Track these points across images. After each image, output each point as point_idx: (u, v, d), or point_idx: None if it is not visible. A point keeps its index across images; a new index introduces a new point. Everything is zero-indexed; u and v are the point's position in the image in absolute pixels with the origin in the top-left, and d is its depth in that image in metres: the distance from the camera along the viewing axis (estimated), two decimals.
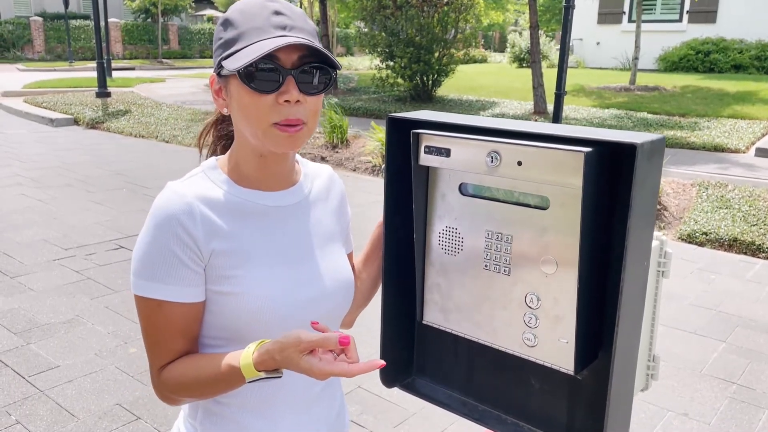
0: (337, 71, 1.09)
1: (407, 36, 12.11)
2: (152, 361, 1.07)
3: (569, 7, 5.99)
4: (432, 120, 1.25)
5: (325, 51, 1.02)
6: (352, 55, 29.43)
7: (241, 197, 1.09)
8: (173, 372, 1.05)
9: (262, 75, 0.99)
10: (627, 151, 1.03)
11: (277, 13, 1.02)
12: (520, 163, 1.11)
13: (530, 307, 1.18)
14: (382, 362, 0.95)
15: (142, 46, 29.74)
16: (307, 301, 1.11)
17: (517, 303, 1.20)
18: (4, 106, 13.39)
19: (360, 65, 21.69)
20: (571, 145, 1.05)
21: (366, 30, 13.38)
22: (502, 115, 11.02)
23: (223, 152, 1.20)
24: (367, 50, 13.41)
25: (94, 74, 14.69)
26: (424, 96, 12.88)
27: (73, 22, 27.16)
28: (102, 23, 15.28)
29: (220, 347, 1.09)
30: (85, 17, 28.84)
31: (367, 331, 3.68)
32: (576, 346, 1.14)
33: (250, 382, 0.97)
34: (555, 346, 1.17)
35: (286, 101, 1.00)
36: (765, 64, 16.93)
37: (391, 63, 12.61)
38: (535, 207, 1.14)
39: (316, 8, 15.58)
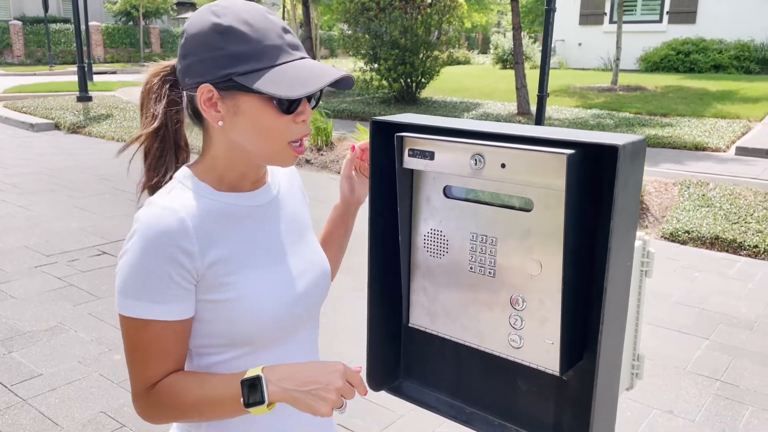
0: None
1: (391, 38, 12.13)
2: (138, 382, 1.04)
3: (550, 10, 6.04)
4: (416, 123, 1.25)
5: (338, 76, 1.04)
6: (336, 57, 29.41)
7: (224, 201, 1.08)
8: (167, 392, 1.02)
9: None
10: (609, 152, 1.04)
11: (285, 30, 1.04)
12: (503, 166, 1.11)
13: (515, 309, 1.19)
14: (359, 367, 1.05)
15: (123, 50, 29.52)
16: (297, 296, 1.12)
17: (502, 305, 1.20)
18: None
19: (344, 68, 21.69)
20: (554, 147, 1.06)
21: (350, 32, 13.38)
22: (486, 116, 11.07)
23: (157, 183, 1.11)
24: (350, 52, 13.41)
25: (75, 78, 14.54)
26: (409, 98, 12.90)
27: (53, 26, 26.89)
28: (82, 26, 15.13)
29: (212, 354, 1.09)
30: (65, 21, 28.56)
31: (354, 335, 3.69)
32: (561, 347, 1.14)
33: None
34: (540, 348, 1.17)
35: (302, 120, 1.05)
36: (744, 63, 17.17)
37: (376, 65, 12.62)
38: (519, 209, 1.15)
39: (299, 10, 15.56)
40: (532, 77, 13.80)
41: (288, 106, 1.02)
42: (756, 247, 5.16)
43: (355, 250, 1.81)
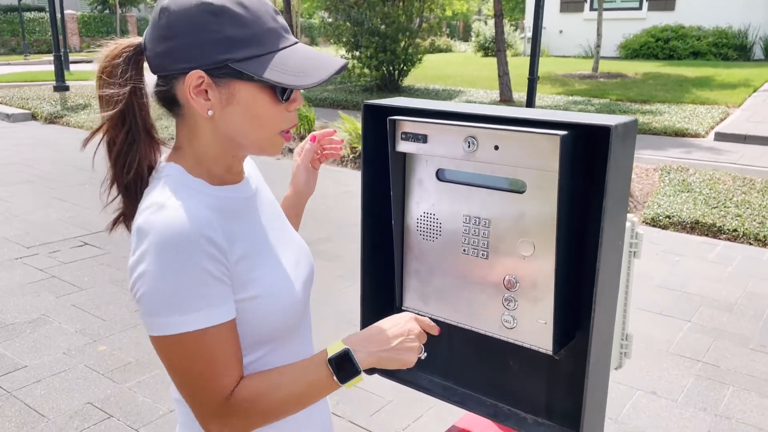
0: None
1: (372, 25, 12.07)
2: (210, 399, 0.92)
3: None
4: (408, 106, 1.25)
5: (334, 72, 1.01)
6: (316, 45, 29.21)
7: (222, 196, 1.01)
8: (250, 397, 0.93)
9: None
10: (601, 133, 1.05)
11: (276, 12, 0.99)
12: (497, 148, 1.12)
13: (508, 290, 1.20)
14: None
15: (100, 38, 28.99)
16: (304, 281, 1.10)
17: (495, 286, 1.22)
18: None
19: None
20: (547, 128, 1.07)
21: (330, 20, 13.29)
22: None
23: (131, 181, 1.00)
24: (332, 40, 13.32)
25: (51, 68, 14.28)
26: (391, 86, 12.86)
27: (27, 15, 26.35)
28: (58, 15, 14.85)
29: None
30: (40, 9, 27.99)
31: (346, 321, 3.70)
32: (554, 326, 1.16)
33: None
34: (533, 328, 1.19)
35: (294, 109, 1.01)
36: (722, 50, 17.35)
37: (357, 53, 12.56)
38: (512, 191, 1.16)
39: (280, 1, 15.40)
40: (514, 64, 13.80)
41: (284, 96, 0.97)
42: (735, 230, 5.24)
43: (342, 238, 1.81)
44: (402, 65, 12.71)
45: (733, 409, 2.94)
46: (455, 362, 1.41)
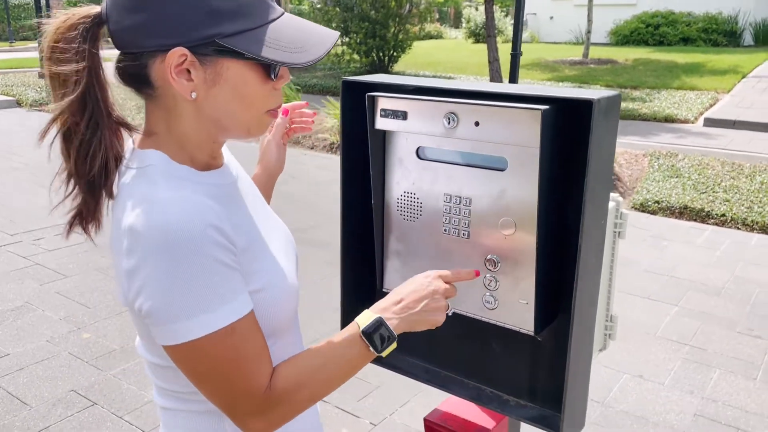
0: None
1: (362, 11, 11.97)
2: (248, 397, 0.85)
3: None
4: (388, 82, 1.22)
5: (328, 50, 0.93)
6: None
7: (210, 183, 0.92)
8: (290, 387, 0.87)
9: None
10: (584, 109, 1.02)
11: None
12: (477, 124, 1.09)
13: (490, 270, 1.18)
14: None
15: None
16: (294, 270, 1.04)
17: (476, 266, 1.19)
18: None
19: None
20: (529, 103, 1.04)
21: (320, 5, 13.17)
22: None
23: (96, 174, 0.88)
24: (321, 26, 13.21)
25: (37, 54, 14.09)
26: (381, 72, 12.79)
27: (13, 0, 25.97)
28: (43, 1, 14.65)
29: None
30: None
31: (326, 304, 3.67)
32: (536, 306, 1.14)
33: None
34: (515, 308, 1.17)
35: (280, 87, 0.92)
36: (712, 36, 17.36)
37: (347, 39, 12.47)
38: (494, 168, 1.13)
39: None
40: (505, 50, 13.74)
41: (273, 73, 0.88)
42: (723, 215, 5.25)
43: (331, 225, 1.78)
44: (392, 51, 12.65)
45: (719, 391, 2.95)
46: (438, 345, 1.39)
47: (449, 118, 1.12)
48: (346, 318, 1.39)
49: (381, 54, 12.59)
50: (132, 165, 0.89)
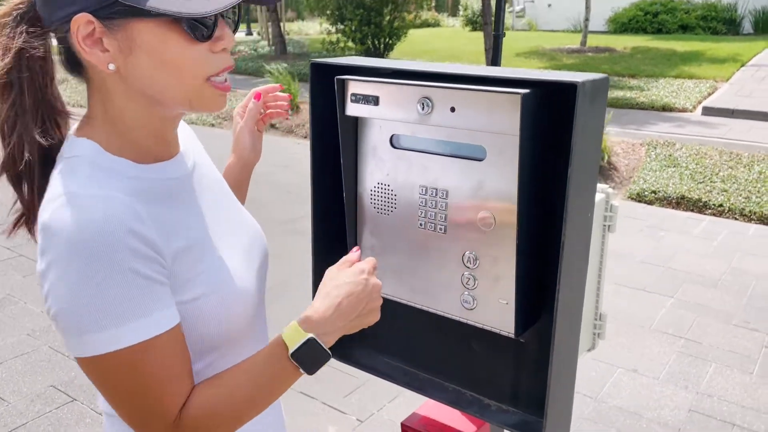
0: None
1: None
2: (159, 421, 0.77)
3: None
4: (359, 65, 1.13)
5: None
6: (302, 19, 28.74)
7: (152, 177, 0.84)
8: (207, 411, 0.79)
9: (195, 18, 0.77)
10: (568, 92, 0.94)
11: None
12: (453, 110, 1.01)
13: (468, 267, 1.10)
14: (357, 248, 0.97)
15: None
16: (257, 273, 0.95)
17: (454, 263, 1.11)
18: None
19: (311, 30, 21.19)
20: (508, 87, 0.95)
21: None
22: None
23: (15, 162, 0.81)
24: (316, 13, 13.07)
25: None
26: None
27: None
28: None
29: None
30: None
31: (297, 301, 3.59)
32: (516, 307, 1.06)
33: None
34: (495, 308, 1.09)
35: (223, 49, 0.81)
36: (711, 24, 17.20)
37: (341, 26, 12.33)
38: (472, 158, 1.05)
39: None
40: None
41: (203, 32, 0.78)
42: (720, 206, 5.17)
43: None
44: (387, 39, 12.50)
45: (715, 386, 2.88)
46: (416, 346, 1.31)
47: (423, 104, 1.03)
48: None
49: (376, 42, 12.45)
50: (63, 155, 0.81)
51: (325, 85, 1.16)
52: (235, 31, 0.87)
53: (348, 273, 0.89)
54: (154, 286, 0.75)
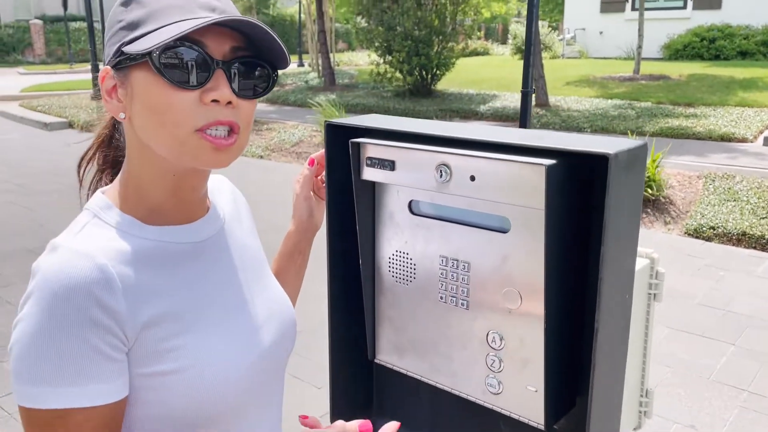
0: (277, 72, 0.84)
1: (405, 29, 11.89)
2: None
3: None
4: (375, 127, 1.06)
5: (272, 33, 0.78)
6: (353, 50, 29.19)
7: (157, 239, 0.83)
8: None
9: (183, 64, 0.75)
10: (600, 161, 0.84)
11: None
12: (473, 179, 0.92)
13: (493, 348, 1.00)
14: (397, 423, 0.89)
15: None
16: (264, 352, 0.89)
17: (478, 342, 1.01)
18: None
19: (361, 60, 21.46)
20: (532, 156, 0.86)
21: (365, 25, 13.17)
22: (503, 109, 10.78)
23: (108, 182, 0.93)
24: (365, 45, 13.21)
25: (90, 76, 14.55)
26: (424, 90, 12.65)
27: (73, 24, 27.05)
28: (96, 25, 15.15)
29: None
30: (85, 19, 28.74)
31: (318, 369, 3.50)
32: (546, 395, 0.95)
33: None
34: (522, 395, 0.98)
35: (214, 101, 0.77)
36: None
37: (389, 57, 12.40)
38: (495, 230, 0.95)
39: (314, 7, 15.34)
40: (552, 67, 13.41)
41: (185, 78, 0.76)
42: None
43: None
44: (435, 69, 12.49)
45: None
46: (440, 423, 1.20)
47: (441, 171, 0.95)
48: (337, 387, 1.22)
49: (424, 72, 12.45)
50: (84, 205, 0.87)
51: (341, 146, 1.10)
52: (263, 94, 0.83)
53: None
54: (101, 360, 0.74)
